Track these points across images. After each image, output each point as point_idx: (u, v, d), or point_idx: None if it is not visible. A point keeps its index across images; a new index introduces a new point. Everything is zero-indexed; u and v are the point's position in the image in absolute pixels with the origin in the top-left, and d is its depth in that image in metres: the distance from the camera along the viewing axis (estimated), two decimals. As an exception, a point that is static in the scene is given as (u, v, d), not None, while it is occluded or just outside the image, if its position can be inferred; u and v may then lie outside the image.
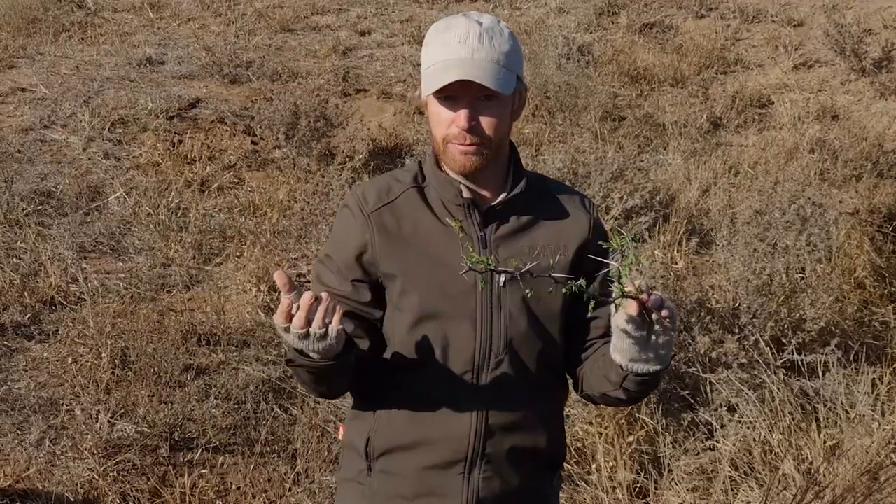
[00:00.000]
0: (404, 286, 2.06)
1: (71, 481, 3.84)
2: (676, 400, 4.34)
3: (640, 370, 1.94)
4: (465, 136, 2.01)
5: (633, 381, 1.98)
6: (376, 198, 2.12)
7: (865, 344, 4.82)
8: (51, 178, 6.43)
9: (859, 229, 5.99)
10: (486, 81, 1.96)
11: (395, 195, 2.13)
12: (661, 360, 1.93)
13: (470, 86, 1.96)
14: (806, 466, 3.84)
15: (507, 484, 2.11)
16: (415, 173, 2.16)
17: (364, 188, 2.17)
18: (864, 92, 8.66)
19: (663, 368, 1.96)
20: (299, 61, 9.13)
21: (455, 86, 1.96)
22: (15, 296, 5.04)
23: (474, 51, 1.97)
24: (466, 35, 1.99)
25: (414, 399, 2.09)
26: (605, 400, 2.15)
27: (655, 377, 1.98)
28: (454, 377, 2.06)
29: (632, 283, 1.81)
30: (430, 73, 2.01)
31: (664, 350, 1.91)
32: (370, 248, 2.08)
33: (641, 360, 1.92)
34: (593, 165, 6.12)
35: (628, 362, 1.94)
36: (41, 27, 9.49)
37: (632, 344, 1.90)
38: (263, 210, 6.21)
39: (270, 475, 4.07)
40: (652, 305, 1.84)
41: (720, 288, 5.01)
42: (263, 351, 4.83)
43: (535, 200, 2.16)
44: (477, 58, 1.97)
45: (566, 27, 9.88)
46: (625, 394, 2.04)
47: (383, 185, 2.16)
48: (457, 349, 2.06)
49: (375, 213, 2.10)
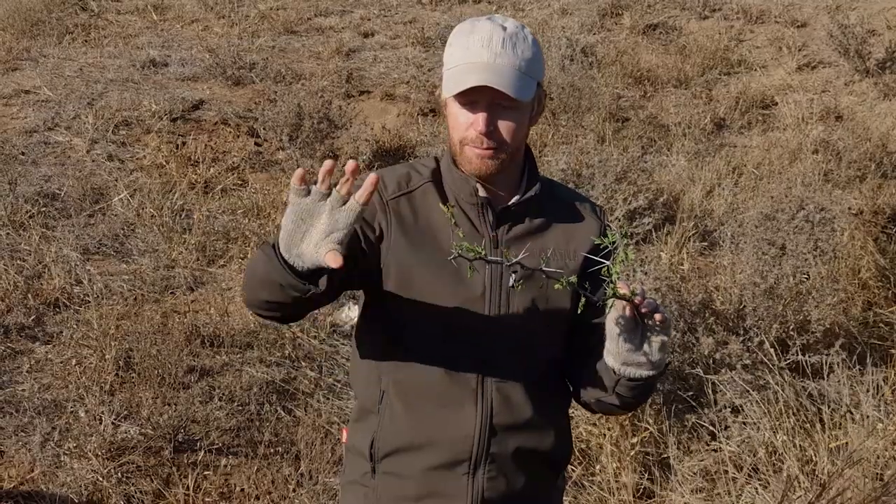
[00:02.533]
0: (412, 281, 2.05)
1: (75, 483, 3.84)
2: (680, 401, 4.33)
3: (632, 374, 1.94)
4: (482, 140, 2.00)
5: (626, 385, 1.97)
6: (396, 186, 2.12)
7: (870, 345, 4.82)
8: (55, 179, 6.43)
9: (863, 230, 5.99)
10: (506, 88, 1.95)
11: (413, 186, 2.12)
12: (655, 365, 1.92)
13: (489, 91, 1.96)
14: (811, 468, 3.83)
15: (511, 484, 2.10)
16: (433, 168, 2.16)
17: (384, 174, 2.13)
18: (867, 93, 8.65)
19: (657, 374, 1.95)
20: (303, 63, 9.13)
21: (475, 90, 1.96)
22: (19, 298, 5.04)
23: (496, 56, 1.97)
24: (490, 39, 1.98)
25: (418, 399, 2.08)
26: (601, 406, 2.14)
27: (649, 383, 1.97)
28: (460, 376, 2.06)
29: (626, 285, 1.80)
30: (452, 75, 2.00)
31: (658, 356, 1.90)
32: (383, 230, 2.06)
33: (634, 364, 1.92)
34: (597, 167, 6.12)
35: (621, 366, 1.93)
36: (45, 29, 9.51)
37: (624, 347, 1.89)
38: (267, 212, 6.21)
39: (274, 476, 4.07)
40: (646, 308, 1.84)
41: (725, 289, 5.00)
42: (267, 353, 4.83)
43: (547, 205, 2.16)
44: (499, 63, 1.97)
45: (569, 28, 9.88)
46: (618, 399, 2.03)
47: (403, 173, 2.15)
48: (463, 349, 2.05)
49: (393, 201, 2.09)
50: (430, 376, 2.07)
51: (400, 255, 2.05)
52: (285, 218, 1.74)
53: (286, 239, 1.75)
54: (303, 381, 4.68)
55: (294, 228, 1.73)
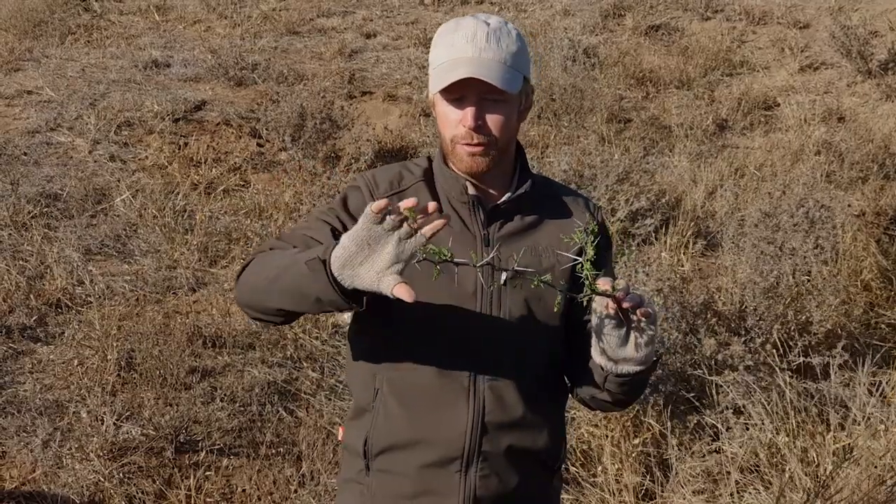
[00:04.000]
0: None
1: (77, 483, 3.84)
2: (682, 402, 4.33)
3: (620, 371, 1.93)
4: (472, 136, 2.01)
5: (615, 382, 1.97)
6: (387, 185, 2.12)
7: (872, 346, 4.81)
8: (57, 180, 6.44)
9: (865, 231, 5.99)
10: (493, 80, 1.96)
11: (405, 186, 2.13)
12: (643, 360, 1.91)
13: (477, 85, 1.97)
14: (813, 469, 3.83)
15: (504, 483, 2.10)
16: (425, 167, 2.17)
17: (375, 173, 2.16)
18: (870, 94, 8.65)
19: (645, 370, 1.94)
20: (305, 63, 9.14)
21: (462, 85, 1.97)
22: (21, 298, 5.05)
23: (481, 50, 1.98)
24: (474, 35, 1.99)
25: (411, 397, 2.07)
26: (595, 403, 2.14)
27: (638, 379, 1.97)
28: (452, 375, 2.05)
29: (608, 281, 1.80)
30: (438, 72, 2.02)
31: (645, 350, 1.90)
32: None
33: (621, 360, 1.92)
34: (599, 168, 6.12)
35: (607, 362, 1.93)
36: (47, 30, 9.51)
37: (609, 344, 1.90)
38: (269, 212, 6.22)
39: (276, 477, 4.07)
40: (629, 303, 1.83)
41: (726, 290, 5.00)
42: (269, 353, 4.83)
43: (539, 201, 2.16)
44: (484, 57, 1.98)
45: (572, 29, 9.88)
46: (609, 396, 2.03)
47: (395, 173, 2.16)
48: (456, 348, 2.05)
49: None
50: (422, 374, 2.06)
51: None
52: (348, 239, 1.76)
53: (345, 258, 1.76)
54: (304, 381, 4.68)
55: (357, 251, 1.75)
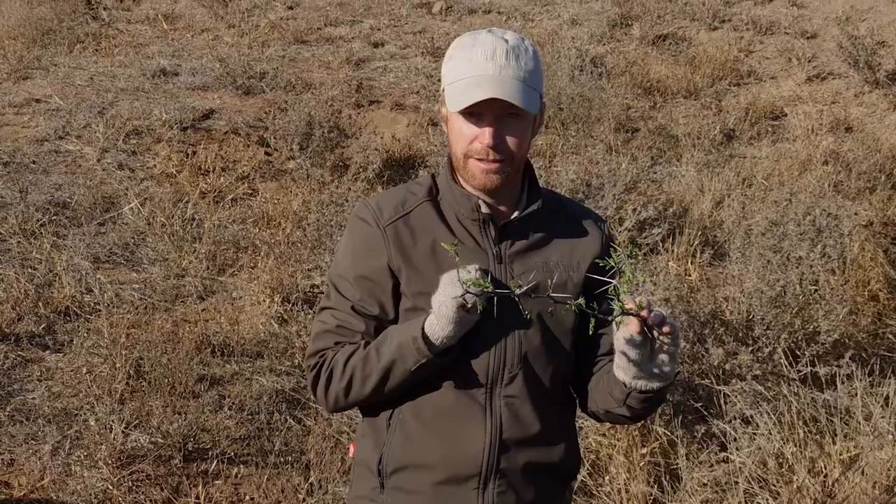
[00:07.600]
0: (416, 303, 2.05)
1: (85, 491, 3.85)
2: (690, 412, 4.33)
3: (643, 387, 1.95)
4: (488, 153, 2.00)
5: (637, 398, 1.98)
6: (392, 210, 2.11)
7: (880, 356, 4.80)
8: (65, 188, 6.46)
9: (873, 241, 5.98)
10: (514, 99, 1.96)
11: (409, 208, 2.12)
12: (665, 376, 1.93)
13: (496, 103, 1.96)
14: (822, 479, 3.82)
15: (521, 498, 2.10)
16: (429, 186, 2.15)
17: (379, 200, 2.15)
18: (877, 104, 8.65)
19: (667, 385, 1.96)
20: (313, 72, 9.17)
21: (482, 103, 1.96)
22: (30, 306, 5.06)
23: (501, 68, 1.97)
24: (493, 52, 1.98)
25: (427, 415, 2.07)
26: (609, 417, 2.15)
27: (659, 394, 1.98)
28: (468, 392, 2.05)
29: (632, 300, 1.81)
30: (457, 89, 2.00)
31: (668, 367, 1.91)
32: (393, 269, 2.07)
33: (644, 376, 1.93)
34: (606, 177, 6.12)
35: (631, 379, 1.94)
36: (56, 38, 9.56)
37: (634, 361, 1.90)
38: (277, 221, 6.23)
39: (284, 486, 4.07)
40: (653, 322, 1.84)
41: (734, 300, 5.00)
42: (277, 362, 4.83)
43: (548, 217, 2.16)
44: (504, 75, 1.97)
45: (579, 39, 9.89)
46: (629, 411, 2.04)
47: (398, 197, 2.15)
48: (471, 364, 2.05)
49: (391, 227, 2.09)
50: (438, 393, 2.06)
51: (411, 284, 2.06)
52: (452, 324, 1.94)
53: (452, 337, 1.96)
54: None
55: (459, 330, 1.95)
